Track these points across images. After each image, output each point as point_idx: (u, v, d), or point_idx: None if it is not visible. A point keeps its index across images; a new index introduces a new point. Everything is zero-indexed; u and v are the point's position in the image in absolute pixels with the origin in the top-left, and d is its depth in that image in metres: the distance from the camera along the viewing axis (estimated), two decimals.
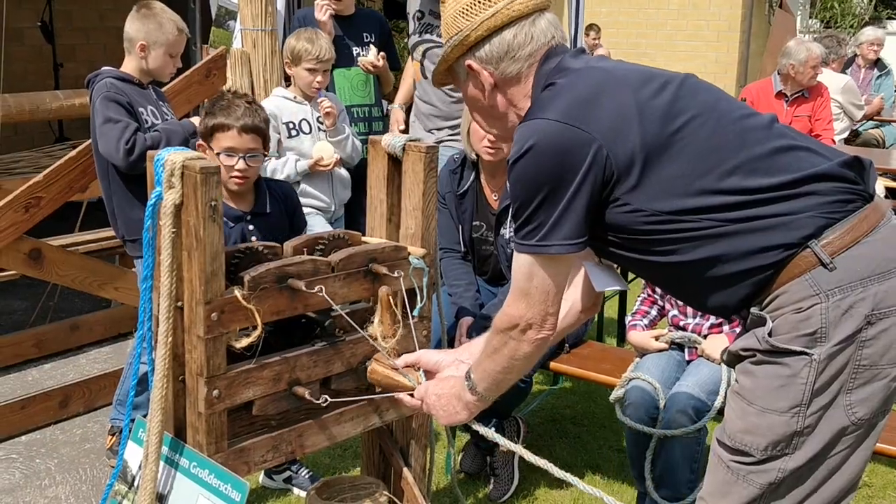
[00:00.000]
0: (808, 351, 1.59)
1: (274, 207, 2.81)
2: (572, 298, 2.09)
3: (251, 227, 2.68)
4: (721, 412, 2.82)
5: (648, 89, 1.69)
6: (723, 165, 1.64)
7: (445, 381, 1.99)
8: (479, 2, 1.75)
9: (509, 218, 3.08)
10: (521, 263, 1.72)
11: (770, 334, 1.63)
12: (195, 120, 3.23)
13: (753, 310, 1.68)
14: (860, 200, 1.65)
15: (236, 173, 2.61)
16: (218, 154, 2.62)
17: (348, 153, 3.84)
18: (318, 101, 3.72)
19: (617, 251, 1.77)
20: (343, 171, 3.87)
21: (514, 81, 1.79)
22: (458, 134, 3.73)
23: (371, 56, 4.20)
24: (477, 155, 3.12)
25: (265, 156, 2.73)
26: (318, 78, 3.68)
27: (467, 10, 1.77)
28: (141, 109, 3.15)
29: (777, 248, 1.62)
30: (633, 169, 1.64)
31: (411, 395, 2.05)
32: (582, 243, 1.69)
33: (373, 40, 4.30)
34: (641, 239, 1.70)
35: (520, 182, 1.68)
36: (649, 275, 1.91)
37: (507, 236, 3.09)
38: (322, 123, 3.75)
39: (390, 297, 2.11)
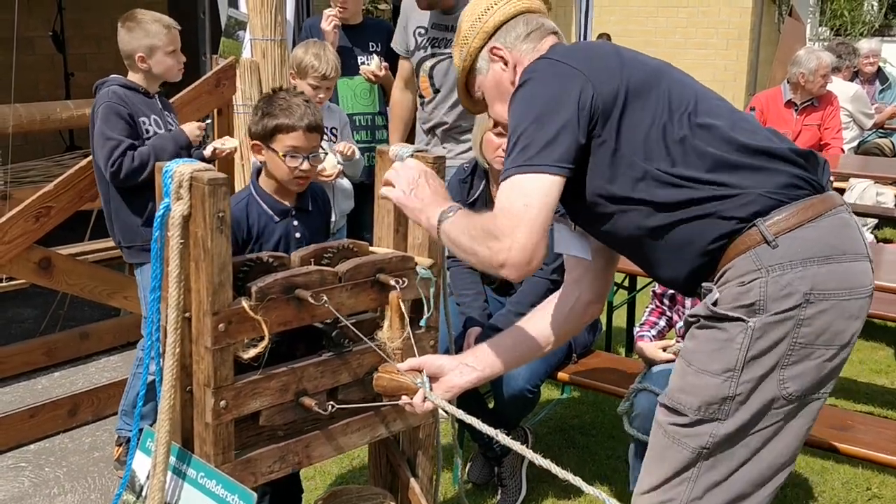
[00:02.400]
0: (744, 318, 1.68)
1: (314, 206, 2.79)
2: (579, 289, 2.11)
3: (295, 223, 2.65)
4: None
5: (634, 57, 1.88)
6: (691, 120, 1.77)
7: (435, 186, 1.94)
8: (493, 5, 1.99)
9: None
10: (513, 183, 1.73)
11: (715, 304, 1.73)
12: (188, 128, 3.26)
13: (705, 284, 1.78)
14: (810, 189, 1.75)
15: (300, 173, 2.57)
16: (284, 155, 2.56)
17: (353, 172, 3.86)
18: (342, 145, 3.72)
19: (588, 210, 1.85)
20: (345, 182, 3.86)
21: (527, 58, 1.94)
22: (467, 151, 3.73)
23: (373, 65, 4.18)
24: (488, 164, 3.11)
25: (325, 152, 2.72)
26: (321, 94, 3.67)
27: (484, 12, 2.00)
28: (143, 119, 3.18)
29: (728, 219, 1.73)
30: (615, 109, 1.76)
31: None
32: (571, 168, 1.74)
33: (379, 49, 4.29)
34: (612, 189, 1.79)
35: (516, 108, 1.80)
36: (613, 238, 1.92)
37: None
38: (333, 134, 3.75)
39: (400, 301, 2.11)
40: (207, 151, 3.50)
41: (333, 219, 3.71)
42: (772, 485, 1.77)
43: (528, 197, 1.70)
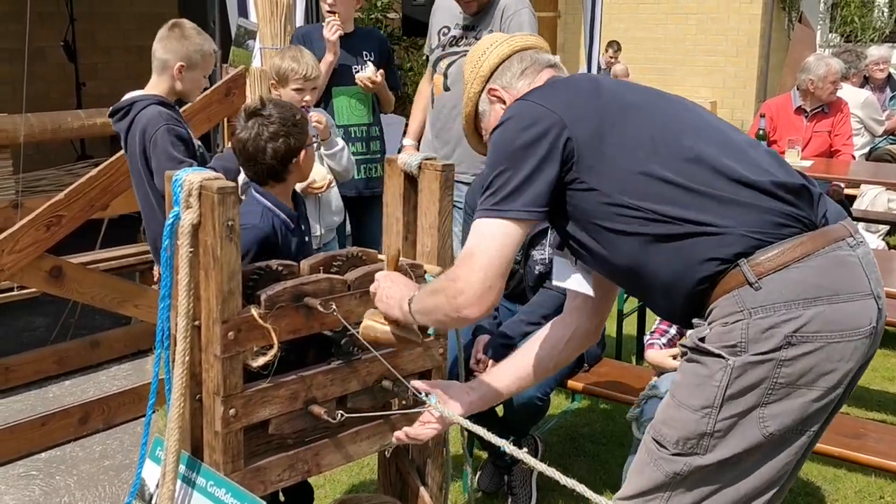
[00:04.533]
0: (725, 356, 1.68)
1: (301, 208, 2.78)
2: (578, 319, 2.12)
3: (303, 227, 2.65)
4: None
5: (616, 92, 1.89)
6: (677, 155, 1.76)
7: (401, 282, 2.00)
8: (488, 48, 2.04)
9: (545, 241, 3.06)
10: (476, 227, 1.80)
11: (702, 339, 1.73)
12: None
13: (696, 321, 1.78)
14: (799, 226, 1.71)
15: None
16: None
17: (344, 165, 3.76)
18: (309, 115, 3.68)
19: (580, 243, 1.87)
20: (334, 196, 3.77)
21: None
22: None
23: (369, 71, 4.12)
24: None
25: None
26: (307, 97, 3.60)
27: (480, 56, 2.04)
28: (190, 132, 3.14)
29: (710, 260, 1.71)
30: (591, 149, 1.78)
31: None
32: (540, 213, 1.79)
33: (372, 59, 4.26)
34: (597, 226, 1.81)
35: (491, 152, 1.84)
36: (609, 270, 1.92)
37: (538, 258, 3.08)
38: (315, 139, 3.73)
39: (400, 256, 2.10)
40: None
41: (319, 233, 3.64)
42: None
43: (488, 241, 1.77)
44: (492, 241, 1.77)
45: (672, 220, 1.73)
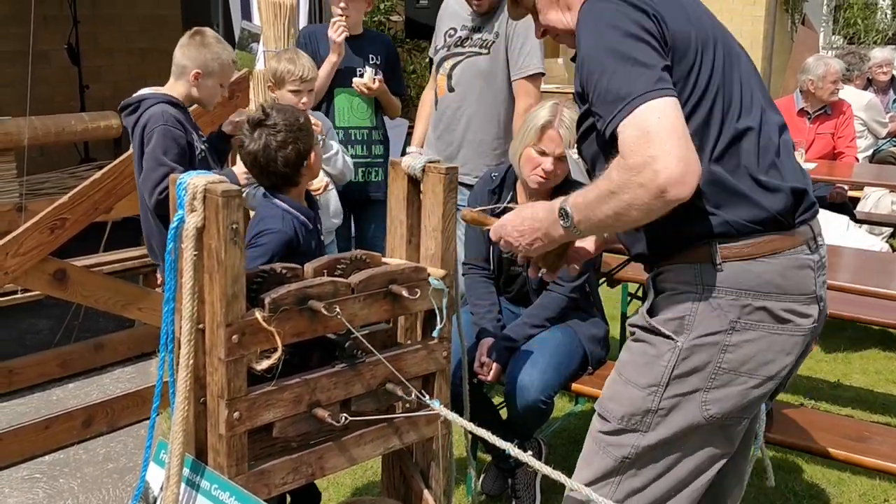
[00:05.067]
0: (673, 337, 1.74)
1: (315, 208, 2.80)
2: None
3: (318, 226, 2.67)
4: None
5: (703, 17, 1.80)
6: (734, 122, 1.73)
7: (528, 209, 1.87)
8: None
9: None
10: (628, 120, 1.57)
11: (649, 311, 1.79)
12: (238, 169, 3.11)
13: (651, 273, 1.82)
14: (778, 226, 1.74)
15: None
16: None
17: (339, 169, 3.77)
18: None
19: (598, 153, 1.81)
20: (332, 198, 3.78)
21: None
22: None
23: (366, 78, 4.11)
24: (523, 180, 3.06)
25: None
26: (304, 99, 3.59)
27: None
28: (194, 135, 3.14)
29: (689, 229, 1.73)
30: (687, 54, 1.70)
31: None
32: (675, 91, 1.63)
33: (378, 62, 4.27)
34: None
35: (591, 56, 1.67)
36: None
37: None
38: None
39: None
40: (228, 128, 3.42)
41: None
42: (691, 489, 1.83)
43: (656, 119, 1.56)
44: (661, 118, 1.56)
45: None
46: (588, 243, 2.19)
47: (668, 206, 1.58)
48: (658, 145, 1.53)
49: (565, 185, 2.97)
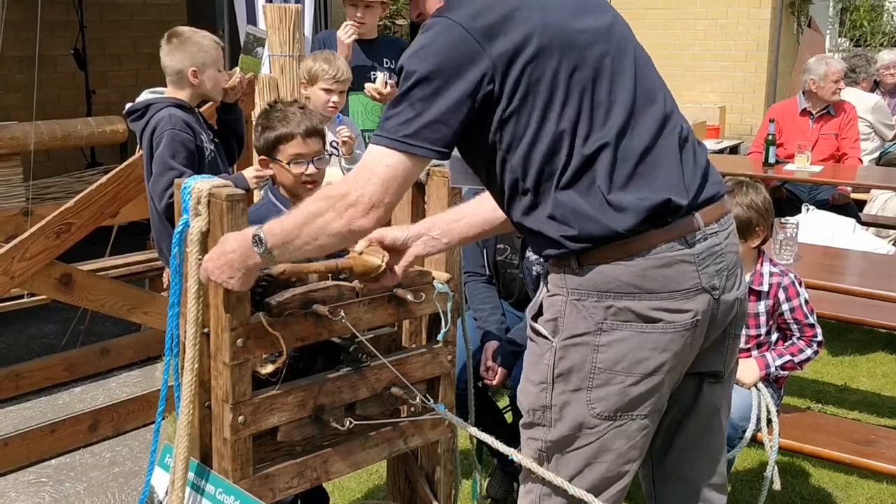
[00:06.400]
0: (549, 337, 1.82)
1: None
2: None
3: None
4: (753, 440, 2.78)
5: (565, 22, 1.74)
6: (590, 130, 1.73)
7: (221, 243, 1.83)
8: None
9: None
10: (380, 148, 1.70)
11: (537, 312, 1.87)
12: (248, 173, 3.12)
13: (543, 274, 1.89)
14: (642, 228, 1.74)
15: (307, 178, 2.61)
16: (288, 163, 2.60)
17: None
18: (338, 128, 3.74)
19: (470, 154, 1.87)
20: None
21: None
22: None
23: (378, 83, 4.13)
24: None
25: (329, 155, 2.72)
26: (334, 98, 3.65)
27: None
28: (203, 137, 3.16)
29: (555, 243, 1.78)
30: (513, 99, 1.71)
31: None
32: (446, 153, 1.73)
33: (392, 66, 4.29)
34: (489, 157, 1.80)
35: (409, 69, 1.70)
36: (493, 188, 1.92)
37: (533, 259, 3.08)
38: (336, 148, 3.76)
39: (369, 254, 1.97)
40: (227, 98, 3.42)
41: None
42: (612, 490, 1.87)
43: (391, 165, 1.68)
44: (394, 167, 1.69)
45: (543, 194, 1.78)
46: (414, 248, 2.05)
47: (347, 240, 1.75)
48: (365, 186, 1.68)
49: None
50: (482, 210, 2.08)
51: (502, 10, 1.71)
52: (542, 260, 2.05)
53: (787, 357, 2.87)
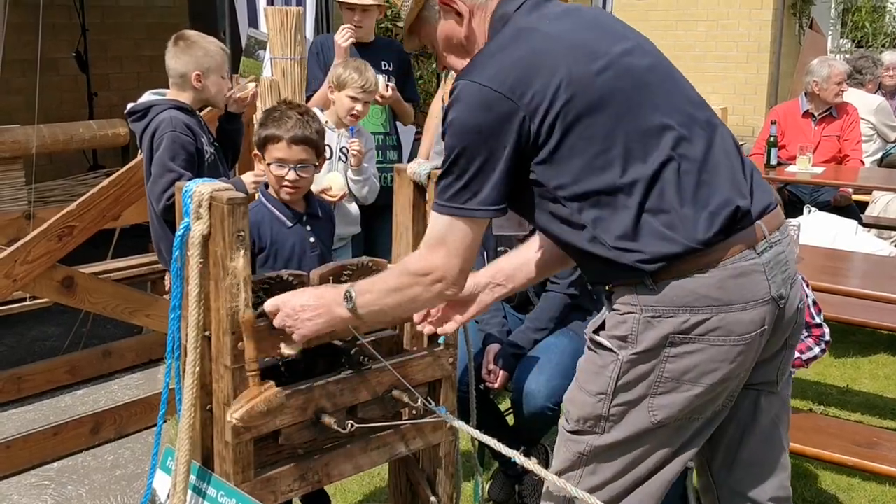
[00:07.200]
0: (615, 350, 1.80)
1: (323, 211, 2.84)
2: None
3: (308, 228, 2.70)
4: None
5: (586, 68, 1.74)
6: (648, 154, 1.74)
7: (308, 292, 1.96)
8: None
9: None
10: (445, 218, 1.79)
11: (600, 326, 1.85)
12: (247, 178, 3.13)
13: (605, 295, 1.89)
14: (708, 241, 1.74)
15: (287, 183, 2.63)
16: (268, 164, 2.65)
17: (363, 195, 3.87)
18: (349, 140, 3.75)
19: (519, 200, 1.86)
20: (351, 207, 3.84)
21: (480, 10, 1.87)
22: None
23: (379, 87, 4.12)
24: None
25: (317, 166, 2.74)
26: (359, 107, 3.72)
27: None
28: (203, 140, 3.16)
29: (626, 265, 1.76)
30: (552, 139, 1.73)
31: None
32: (503, 209, 1.79)
33: (390, 69, 4.28)
34: (544, 202, 1.82)
35: (450, 143, 1.76)
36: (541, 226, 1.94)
37: None
38: (345, 155, 3.77)
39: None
40: (233, 107, 3.43)
41: None
42: (649, 488, 1.87)
43: (459, 233, 1.78)
44: (463, 235, 1.79)
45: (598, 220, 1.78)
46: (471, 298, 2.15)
47: (445, 300, 1.95)
48: (445, 261, 1.79)
49: None
50: (543, 251, 2.13)
51: (526, 62, 1.74)
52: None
53: (795, 354, 2.86)
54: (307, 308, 1.91)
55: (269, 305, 1.93)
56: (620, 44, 1.82)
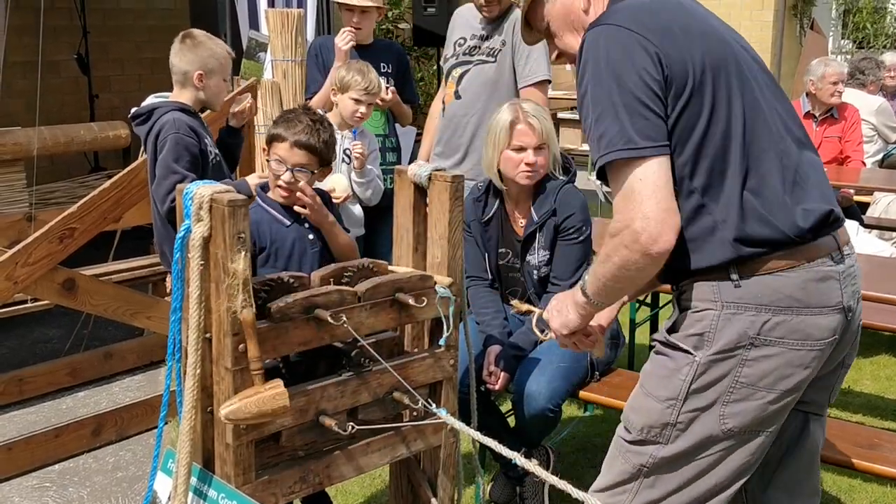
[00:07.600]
0: (692, 351, 1.75)
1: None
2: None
3: (307, 226, 2.71)
4: None
5: (711, 34, 1.78)
6: (746, 153, 1.73)
7: (561, 294, 2.03)
8: None
9: (535, 244, 3.07)
10: (617, 168, 1.69)
11: (671, 328, 1.81)
12: (251, 179, 3.11)
13: (675, 291, 1.85)
14: (794, 240, 1.73)
15: (281, 183, 2.65)
16: (268, 160, 2.69)
17: (367, 196, 3.88)
18: (352, 142, 3.76)
19: None
20: (355, 209, 3.86)
21: None
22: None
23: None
24: (504, 182, 3.10)
25: (316, 174, 2.74)
26: (363, 109, 3.74)
27: None
28: (207, 141, 3.16)
29: (713, 253, 1.74)
30: (682, 95, 1.70)
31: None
32: (666, 146, 1.69)
33: (390, 71, 4.29)
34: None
35: (595, 90, 1.71)
36: None
37: (534, 262, 3.08)
38: (348, 157, 3.78)
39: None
40: (233, 122, 3.45)
41: None
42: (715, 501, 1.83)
43: (638, 175, 1.67)
44: (644, 175, 1.67)
45: (712, 199, 1.75)
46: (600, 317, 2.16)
47: (658, 262, 1.70)
48: (636, 208, 1.66)
49: (546, 180, 3.05)
50: None
51: (660, 22, 1.75)
52: (543, 263, 2.01)
53: None
54: (560, 308, 1.98)
55: (546, 314, 2.05)
56: (722, 26, 1.87)
